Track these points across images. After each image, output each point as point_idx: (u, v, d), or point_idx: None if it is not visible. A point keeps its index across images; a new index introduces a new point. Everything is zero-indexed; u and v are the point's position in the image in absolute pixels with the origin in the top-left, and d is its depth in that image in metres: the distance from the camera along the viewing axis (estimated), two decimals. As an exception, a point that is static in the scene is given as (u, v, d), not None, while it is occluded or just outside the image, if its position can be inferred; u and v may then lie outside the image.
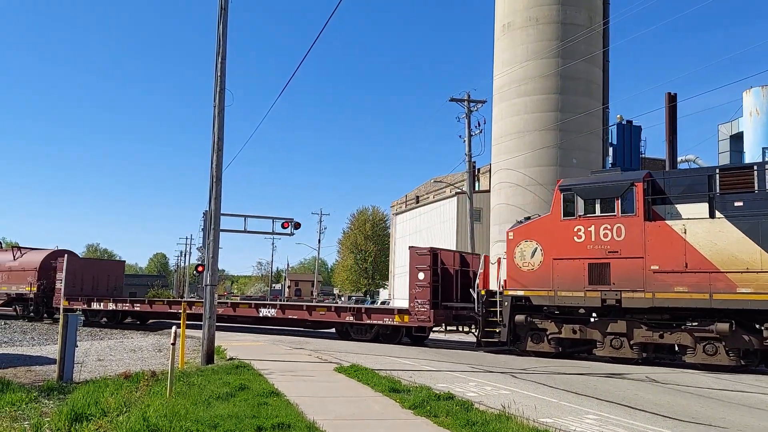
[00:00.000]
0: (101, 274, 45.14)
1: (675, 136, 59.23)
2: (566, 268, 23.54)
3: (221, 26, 20.29)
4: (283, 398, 12.65)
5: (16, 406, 12.08)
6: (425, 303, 27.09)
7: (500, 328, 24.99)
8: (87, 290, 42.99)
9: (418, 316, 27.35)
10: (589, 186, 23.35)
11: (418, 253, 27.99)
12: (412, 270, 27.69)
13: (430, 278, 27.20)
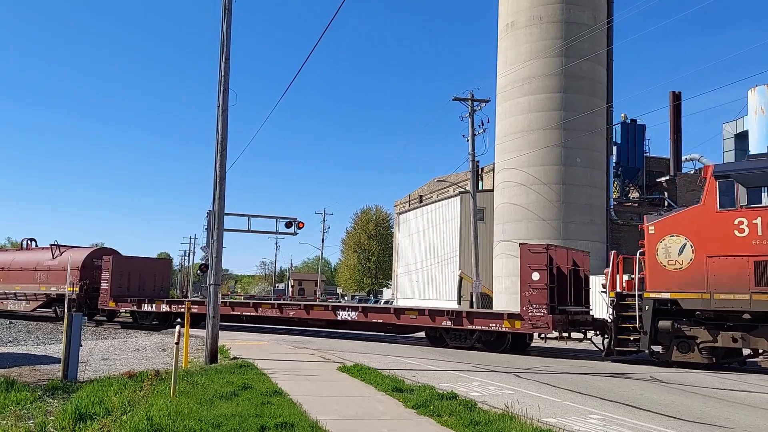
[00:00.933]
0: (148, 274, 42.77)
1: (679, 135, 59.31)
2: (725, 266, 20.71)
3: (225, 27, 20.31)
4: (287, 397, 12.66)
5: (21, 405, 12.10)
6: (542, 307, 24.24)
7: (637, 335, 22.22)
8: (134, 290, 41.05)
9: (534, 321, 24.51)
10: (753, 172, 20.45)
11: (532, 250, 25.31)
12: (524, 270, 24.93)
13: (547, 279, 24.37)
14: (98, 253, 43.86)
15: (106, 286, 40.01)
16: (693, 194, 54.67)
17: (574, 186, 46.39)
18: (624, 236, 51.81)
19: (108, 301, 39.71)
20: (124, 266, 41.30)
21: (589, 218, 46.59)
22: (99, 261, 42.14)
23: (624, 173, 57.26)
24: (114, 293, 39.63)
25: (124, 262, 41.99)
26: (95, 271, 42.03)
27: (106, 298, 39.84)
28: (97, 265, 42.10)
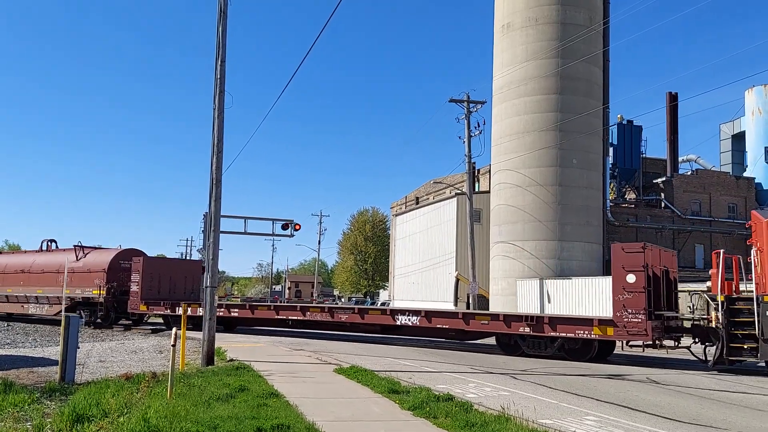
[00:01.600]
0: (178, 276, 40.62)
1: (676, 136, 59.45)
2: None
3: (220, 30, 20.33)
4: (283, 399, 12.69)
5: (19, 407, 12.11)
6: (639, 312, 22.15)
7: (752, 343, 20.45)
8: (164, 293, 39.04)
9: (629, 328, 22.36)
10: None
11: (627, 250, 23.29)
12: (618, 271, 22.93)
13: (644, 281, 22.32)
14: (125, 255, 41.88)
15: (137, 289, 38.19)
16: (690, 195, 54.83)
17: (570, 187, 46.40)
18: (621, 237, 51.88)
19: (139, 304, 37.88)
20: (155, 268, 39.54)
21: (585, 220, 46.62)
22: (126, 263, 40.58)
23: (620, 174, 57.39)
24: (145, 296, 37.89)
25: (155, 264, 40.41)
26: (122, 273, 40.47)
27: (137, 301, 38.05)
28: (124, 267, 40.55)
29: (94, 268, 41.27)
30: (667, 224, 54.06)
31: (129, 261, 40.34)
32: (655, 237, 53.70)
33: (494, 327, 26.18)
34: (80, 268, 41.96)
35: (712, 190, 56.71)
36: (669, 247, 54.21)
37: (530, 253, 45.90)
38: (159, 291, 38.66)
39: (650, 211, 55.18)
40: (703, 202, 56.34)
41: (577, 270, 45.02)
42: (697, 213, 55.97)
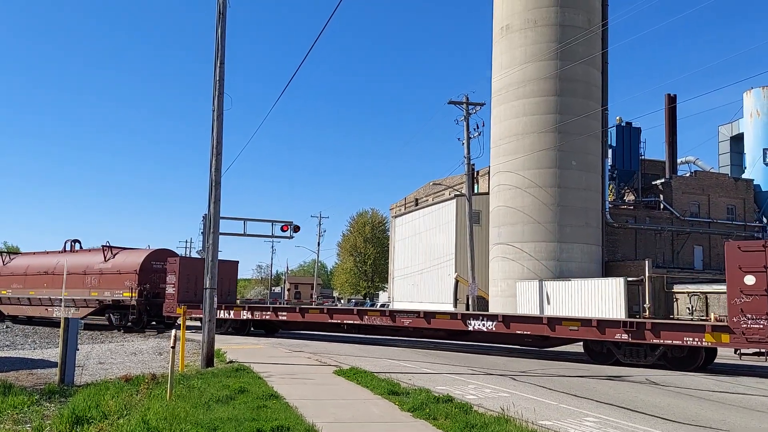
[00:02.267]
0: None
1: (675, 138, 59.47)
2: None
3: (219, 31, 20.34)
4: (283, 401, 12.69)
5: (18, 408, 12.13)
6: (761, 318, 20.02)
7: None
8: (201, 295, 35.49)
9: (749, 335, 20.23)
10: None
11: (745, 249, 20.99)
12: (733, 272, 20.84)
13: (766, 283, 20.14)
14: (157, 255, 40.17)
15: (173, 291, 35.96)
16: (688, 197, 54.85)
17: (569, 189, 46.46)
18: (620, 239, 51.99)
19: (175, 307, 35.03)
20: (191, 269, 36.62)
21: (584, 221, 46.67)
22: (158, 263, 39.20)
23: (619, 176, 57.39)
24: (182, 298, 35.27)
25: (191, 265, 37.35)
26: (154, 275, 39.03)
27: (173, 303, 35.52)
28: (155, 268, 39.15)
29: (124, 270, 39.64)
30: (666, 226, 54.04)
31: (160, 262, 39.15)
32: (654, 238, 53.72)
33: (585, 334, 24.06)
34: (109, 270, 40.47)
35: (711, 192, 56.72)
36: (667, 249, 54.35)
37: (529, 255, 45.95)
38: (195, 293, 35.66)
39: (649, 213, 55.16)
40: (701, 203, 56.33)
41: (576, 271, 45.07)
42: (696, 215, 55.97)
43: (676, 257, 54.61)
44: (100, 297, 40.38)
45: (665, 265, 51.51)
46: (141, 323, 38.43)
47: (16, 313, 47.10)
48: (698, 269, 53.43)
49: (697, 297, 42.43)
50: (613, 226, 51.16)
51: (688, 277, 47.75)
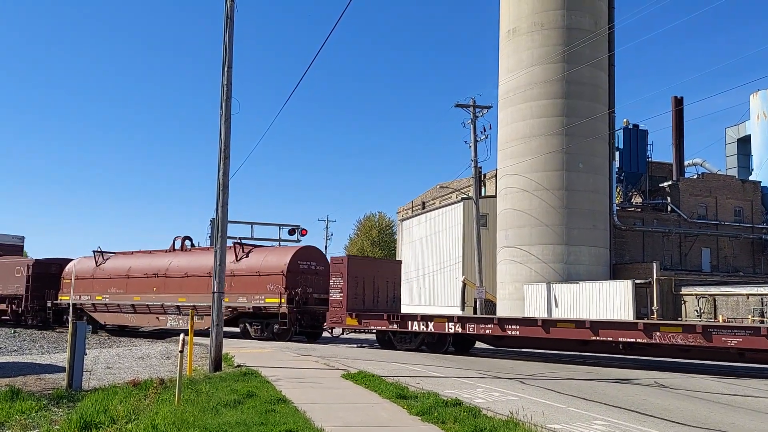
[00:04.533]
0: (380, 280, 32.27)
1: (682, 140, 59.43)
2: None
3: (227, 35, 20.34)
4: (291, 405, 12.66)
5: (26, 414, 12.11)
6: None
7: None
8: (369, 302, 31.14)
9: None
10: None
11: None
12: None
13: None
14: (304, 254, 34.73)
15: (340, 297, 30.22)
16: (696, 199, 54.76)
17: (576, 191, 46.49)
18: (627, 241, 51.94)
19: (344, 316, 29.95)
20: (359, 270, 31.41)
21: (592, 224, 46.67)
22: (306, 264, 34.08)
23: (626, 178, 57.40)
24: (350, 306, 30.03)
25: (359, 265, 32.02)
26: (301, 277, 33.56)
27: (341, 312, 30.09)
28: (303, 269, 33.87)
29: (265, 271, 33.97)
30: (673, 228, 54.00)
31: (308, 261, 34.32)
32: (661, 241, 53.66)
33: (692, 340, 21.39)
34: (243, 271, 34.74)
35: (718, 194, 56.68)
36: (675, 251, 54.27)
37: (537, 258, 45.95)
38: (363, 300, 30.95)
39: (657, 215, 55.13)
40: (709, 205, 56.29)
41: (584, 274, 45.05)
42: (704, 217, 55.93)
43: (684, 259, 54.53)
44: (233, 303, 34.11)
45: (673, 267, 51.47)
46: (289, 334, 32.78)
47: (117, 322, 41.11)
48: (706, 271, 53.38)
49: (705, 299, 42.37)
50: (620, 228, 51.14)
51: (695, 279, 47.69)
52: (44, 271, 44.93)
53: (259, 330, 33.55)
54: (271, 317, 33.17)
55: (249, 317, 34.28)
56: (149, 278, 38.57)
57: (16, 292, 45.01)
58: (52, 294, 43.47)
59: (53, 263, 46.03)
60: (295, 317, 32.62)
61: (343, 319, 30.05)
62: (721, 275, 50.26)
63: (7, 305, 45.86)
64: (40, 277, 44.50)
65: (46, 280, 44.37)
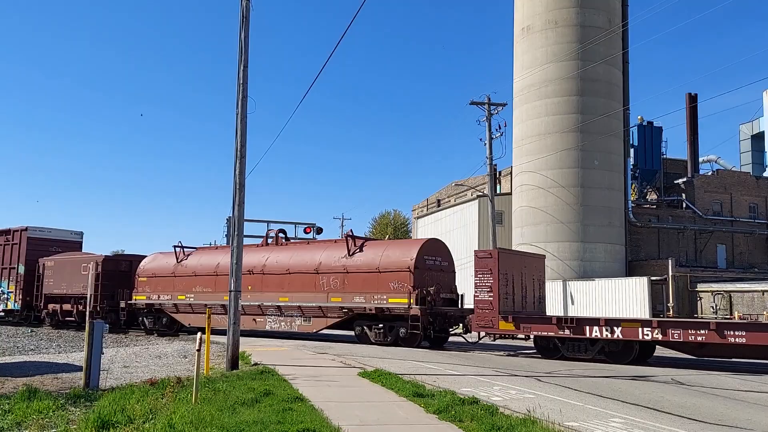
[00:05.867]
0: (527, 276, 28.47)
1: (696, 137, 59.24)
2: None
3: (243, 35, 20.39)
4: (308, 403, 12.68)
5: (44, 413, 12.16)
6: None
7: None
8: (518, 303, 27.38)
9: None
10: None
11: None
12: None
13: None
14: (431, 249, 31.13)
15: (489, 298, 26.24)
16: (711, 195, 54.57)
17: (592, 188, 46.44)
18: (643, 238, 51.80)
19: (495, 319, 25.95)
20: (509, 266, 27.36)
21: (607, 221, 46.60)
22: (432, 259, 30.63)
23: (641, 175, 57.26)
24: (503, 307, 26.22)
25: (509, 260, 27.85)
26: (427, 274, 29.96)
27: (491, 315, 26.08)
28: (429, 265, 30.32)
29: (386, 267, 30.22)
30: (688, 225, 53.84)
31: (433, 257, 30.85)
32: (676, 237, 53.51)
33: None
34: (358, 267, 31.03)
35: (733, 191, 56.50)
36: (690, 248, 54.08)
37: (553, 255, 45.85)
38: (513, 300, 27.21)
39: (672, 212, 54.98)
40: (724, 202, 56.11)
41: (599, 271, 44.99)
42: (719, 213, 55.75)
43: (699, 256, 54.34)
44: (347, 304, 30.82)
45: (688, 264, 51.29)
46: (417, 340, 28.95)
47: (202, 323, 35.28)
48: (721, 268, 53.21)
49: (721, 296, 42.18)
50: (636, 225, 51.02)
51: (711, 276, 47.51)
52: (114, 269, 42.02)
53: (381, 334, 29.70)
54: (396, 320, 29.37)
55: (367, 319, 30.47)
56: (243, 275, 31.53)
57: (83, 291, 40.56)
58: (125, 293, 40.51)
59: (123, 260, 44.03)
60: (428, 320, 28.65)
61: (495, 323, 25.99)
62: (736, 272, 50.09)
63: (73, 305, 42.55)
64: (110, 274, 41.39)
65: (116, 278, 41.42)
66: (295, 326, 32.58)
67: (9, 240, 46.64)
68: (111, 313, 40.61)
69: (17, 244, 46.15)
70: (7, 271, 46.63)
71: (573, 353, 24.42)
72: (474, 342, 29.89)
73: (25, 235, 45.80)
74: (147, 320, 39.13)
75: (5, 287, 46.30)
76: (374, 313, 29.86)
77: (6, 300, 46.01)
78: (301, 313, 32.27)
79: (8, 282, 46.24)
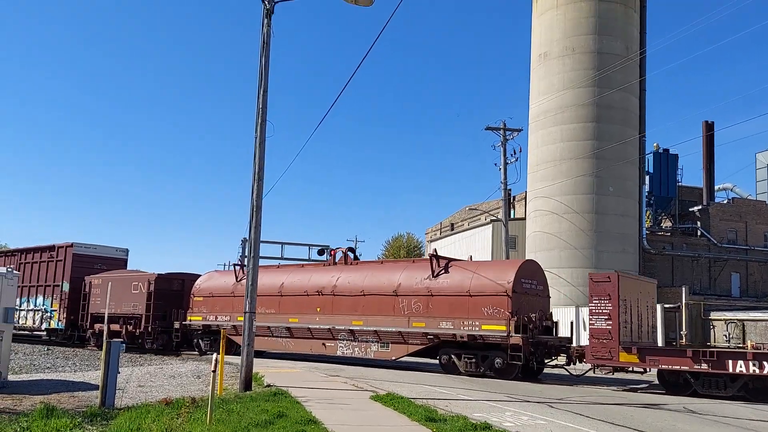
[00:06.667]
0: (642, 303, 25.85)
1: (712, 165, 59.28)
2: None
3: (263, 60, 20.65)
4: (321, 426, 12.80)
5: (61, 431, 12.34)
6: None
7: None
8: (634, 332, 24.78)
9: None
10: None
11: None
12: None
13: None
14: (527, 271, 27.93)
15: (607, 326, 23.55)
16: (726, 224, 54.49)
17: (606, 215, 46.53)
18: (657, 265, 51.73)
19: (615, 350, 23.39)
20: (628, 291, 24.65)
21: (621, 247, 46.61)
22: (528, 282, 27.54)
23: (656, 202, 57.27)
24: (622, 337, 23.66)
25: (628, 285, 25.05)
26: (524, 299, 26.93)
27: (609, 345, 23.52)
28: (526, 289, 27.30)
29: (478, 290, 27.04)
30: (703, 253, 53.77)
31: (529, 280, 27.85)
32: (691, 265, 53.44)
33: None
34: (444, 290, 27.95)
35: (749, 219, 56.42)
36: (704, 276, 53.97)
37: (566, 281, 45.88)
38: (631, 329, 24.58)
39: (686, 240, 54.93)
40: (739, 230, 56.02)
41: (613, 298, 44.97)
42: (734, 241, 55.66)
43: (713, 284, 54.23)
44: (432, 329, 27.76)
45: (702, 291, 51.21)
46: (515, 370, 25.98)
47: (267, 347, 34.11)
48: (735, 296, 53.11)
49: (734, 324, 42.10)
50: (650, 252, 51.00)
51: (725, 304, 47.43)
52: (167, 287, 40.08)
53: (472, 364, 26.72)
54: (490, 348, 26.42)
55: (455, 347, 27.52)
56: (311, 296, 32.20)
57: (133, 311, 39.69)
58: (180, 314, 38.32)
59: (174, 278, 41.24)
60: (529, 350, 25.75)
61: (614, 355, 23.47)
62: (750, 300, 49.99)
63: (122, 326, 40.50)
64: (162, 294, 39.52)
65: (168, 297, 39.62)
66: (371, 352, 29.82)
67: (53, 256, 44.81)
68: (162, 335, 39.12)
69: (61, 261, 44.21)
70: (51, 288, 44.64)
71: (708, 390, 22.22)
72: (579, 375, 26.47)
73: (70, 252, 43.86)
74: (203, 342, 36.58)
75: (48, 306, 44.42)
76: (465, 340, 26.89)
77: (49, 319, 44.14)
78: (378, 339, 29.51)
79: (51, 300, 44.31)
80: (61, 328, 43.37)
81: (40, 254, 45.78)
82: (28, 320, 45.61)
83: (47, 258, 45.27)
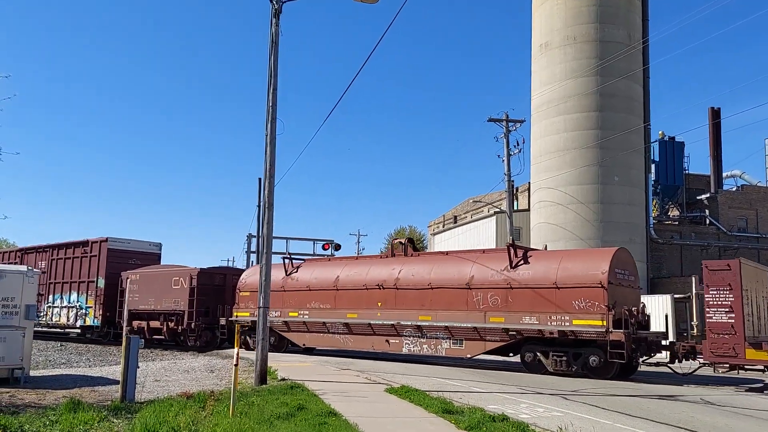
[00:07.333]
0: (760, 293, 24.00)
1: (719, 152, 59.12)
2: None
3: (272, 59, 20.76)
4: (342, 418, 12.92)
5: (89, 424, 12.50)
6: None
7: None
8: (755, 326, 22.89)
9: None
10: None
11: None
12: None
13: None
14: (621, 261, 25.20)
15: (729, 320, 21.55)
16: (735, 211, 54.40)
17: (612, 205, 46.49)
18: (665, 255, 51.71)
19: (740, 347, 21.37)
20: (749, 281, 22.59)
21: (628, 237, 46.56)
22: (622, 273, 24.86)
23: (663, 191, 57.13)
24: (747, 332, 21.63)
25: (751, 274, 23.03)
26: (618, 291, 24.27)
27: (732, 341, 21.48)
28: (620, 280, 24.64)
29: (566, 282, 24.49)
30: (712, 241, 53.66)
31: (623, 270, 25.15)
32: (700, 254, 53.40)
33: None
34: (527, 282, 25.51)
35: (759, 206, 56.20)
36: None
37: (573, 272, 45.91)
38: (753, 323, 22.59)
39: (695, 228, 54.84)
40: (749, 218, 55.82)
41: (620, 288, 44.98)
42: (744, 229, 55.48)
43: (723, 273, 54.12)
44: (513, 325, 25.35)
45: (712, 281, 51.08)
46: (613, 369, 23.50)
47: (323, 344, 32.52)
48: (745, 285, 53.00)
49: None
50: (657, 242, 50.98)
51: (735, 293, 47.36)
52: (209, 282, 38.72)
53: (563, 362, 24.26)
54: (582, 345, 24.21)
55: (540, 344, 25.13)
56: (371, 290, 30.28)
57: (174, 308, 38.51)
58: (226, 310, 37.03)
59: (216, 273, 40.13)
60: (631, 346, 23.25)
61: (740, 351, 21.29)
62: (761, 289, 49.99)
63: (162, 323, 39.36)
64: (204, 289, 38.18)
65: (210, 292, 38.44)
66: (442, 350, 27.70)
67: (87, 252, 43.50)
68: (206, 331, 37.87)
69: (96, 256, 42.91)
70: (85, 284, 43.43)
71: None
72: (685, 374, 23.96)
73: (105, 247, 42.51)
74: (250, 339, 33.97)
75: (83, 302, 43.09)
76: (554, 336, 24.54)
77: (84, 315, 42.92)
78: (450, 335, 27.27)
79: (86, 296, 43.10)
80: (97, 325, 42.29)
81: (73, 250, 44.71)
82: (61, 317, 44.47)
83: (80, 253, 44.13)
